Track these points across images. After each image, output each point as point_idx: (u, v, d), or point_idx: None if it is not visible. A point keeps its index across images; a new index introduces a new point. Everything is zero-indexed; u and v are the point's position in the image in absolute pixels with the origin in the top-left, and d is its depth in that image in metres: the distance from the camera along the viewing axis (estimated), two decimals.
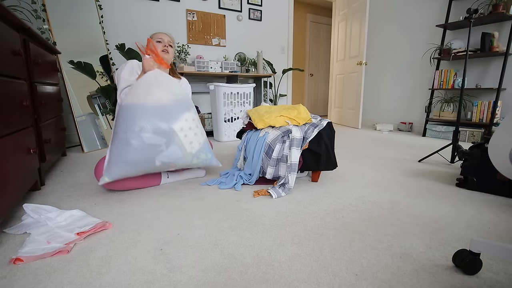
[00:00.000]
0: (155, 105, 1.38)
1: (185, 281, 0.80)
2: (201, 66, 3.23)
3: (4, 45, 1.12)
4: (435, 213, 1.27)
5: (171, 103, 1.42)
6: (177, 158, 1.42)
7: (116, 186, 1.45)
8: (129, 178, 1.46)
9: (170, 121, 1.40)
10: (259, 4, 3.99)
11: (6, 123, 1.07)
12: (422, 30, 3.78)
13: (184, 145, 1.43)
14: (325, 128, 1.64)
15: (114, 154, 1.35)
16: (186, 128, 1.45)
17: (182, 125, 1.43)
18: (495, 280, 0.81)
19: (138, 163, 1.35)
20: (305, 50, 6.15)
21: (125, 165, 1.33)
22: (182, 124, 1.43)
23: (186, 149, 1.44)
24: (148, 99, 1.37)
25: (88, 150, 2.48)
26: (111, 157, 1.35)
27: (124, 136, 1.34)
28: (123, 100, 1.40)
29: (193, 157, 1.47)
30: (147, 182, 1.56)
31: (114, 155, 1.34)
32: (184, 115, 1.45)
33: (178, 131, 1.41)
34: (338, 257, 0.93)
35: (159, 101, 1.39)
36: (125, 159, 1.33)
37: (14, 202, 1.09)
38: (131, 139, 1.33)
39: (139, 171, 1.39)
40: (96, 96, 2.62)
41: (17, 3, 2.53)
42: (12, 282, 0.80)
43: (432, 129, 3.48)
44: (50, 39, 2.59)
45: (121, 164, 1.33)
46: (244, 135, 1.83)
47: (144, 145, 1.34)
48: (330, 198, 1.45)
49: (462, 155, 1.61)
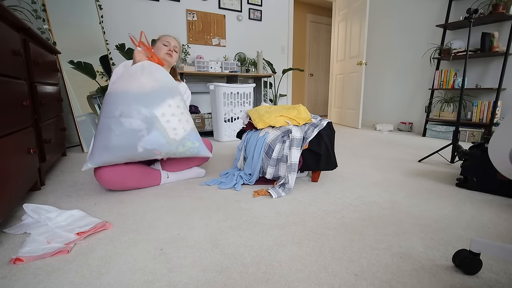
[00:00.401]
0: (137, 90, 1.38)
1: (185, 281, 0.80)
2: (201, 66, 3.23)
3: (4, 45, 1.12)
4: (435, 213, 1.27)
5: (155, 89, 1.41)
6: (160, 144, 1.40)
7: (115, 186, 1.45)
8: (129, 178, 1.46)
9: (152, 107, 1.39)
10: (259, 4, 3.99)
11: (6, 123, 1.07)
12: (422, 30, 3.78)
13: (166, 130, 1.41)
14: (325, 128, 1.64)
15: (97, 141, 1.36)
16: (168, 114, 1.42)
17: (164, 111, 1.41)
18: (495, 280, 0.81)
19: (120, 148, 1.34)
20: (305, 50, 6.15)
21: (107, 150, 1.33)
22: (165, 110, 1.41)
23: (169, 135, 1.41)
24: (131, 85, 1.38)
25: (88, 150, 2.48)
26: (95, 144, 1.37)
27: (106, 121, 1.35)
28: (109, 89, 1.42)
29: (178, 144, 1.45)
30: (146, 181, 1.56)
31: (97, 142, 1.36)
32: (168, 101, 1.43)
33: (159, 116, 1.40)
34: (338, 257, 0.93)
35: (142, 87, 1.39)
36: (107, 144, 1.33)
37: (14, 202, 1.09)
38: (112, 124, 1.34)
39: (122, 157, 1.37)
40: (96, 96, 2.62)
41: (17, 3, 2.53)
42: (12, 282, 0.80)
43: (432, 129, 3.48)
44: (50, 39, 2.59)
45: (103, 149, 1.33)
46: (244, 135, 1.83)
47: (125, 130, 1.34)
48: (330, 198, 1.45)
49: (462, 155, 1.61)
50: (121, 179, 1.44)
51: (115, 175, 1.42)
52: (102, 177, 1.40)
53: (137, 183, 1.52)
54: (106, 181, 1.41)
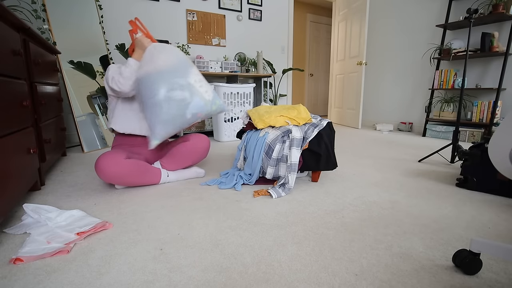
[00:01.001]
0: (166, 66, 1.49)
1: (185, 281, 0.80)
2: (201, 66, 3.23)
3: (4, 45, 1.12)
4: (435, 213, 1.27)
5: (177, 62, 1.54)
6: (201, 107, 1.54)
7: (115, 180, 1.45)
8: (129, 173, 1.48)
9: (184, 77, 1.52)
10: (259, 4, 3.99)
11: (6, 123, 1.07)
12: (422, 30, 3.78)
13: (202, 94, 1.56)
14: (325, 128, 1.64)
15: (151, 119, 1.47)
16: (198, 80, 1.57)
17: (195, 78, 1.56)
18: (495, 280, 0.81)
19: (174, 119, 1.47)
20: (305, 50, 6.15)
21: (164, 124, 1.46)
22: (195, 77, 1.57)
23: (205, 97, 1.56)
24: (158, 64, 1.49)
25: (88, 150, 2.48)
26: (150, 123, 1.48)
27: (152, 101, 1.44)
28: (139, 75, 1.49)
29: (212, 104, 1.60)
30: (146, 178, 1.56)
31: (151, 120, 1.46)
32: (191, 69, 1.57)
33: (193, 83, 1.53)
34: (338, 257, 0.93)
35: (168, 62, 1.51)
36: (161, 119, 1.45)
37: (14, 202, 1.09)
38: (160, 101, 1.45)
39: (177, 127, 1.51)
40: (96, 96, 2.62)
41: (17, 3, 2.53)
42: (12, 282, 0.80)
43: (432, 129, 3.48)
44: (50, 39, 2.59)
45: (160, 124, 1.46)
46: (244, 135, 1.83)
47: (173, 102, 1.46)
48: (330, 198, 1.45)
49: (462, 155, 1.61)
50: (121, 173, 1.44)
51: (115, 169, 1.42)
52: (102, 171, 1.40)
53: (137, 179, 1.52)
54: (106, 174, 1.40)
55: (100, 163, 1.40)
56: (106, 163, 1.40)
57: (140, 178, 1.53)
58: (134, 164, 1.48)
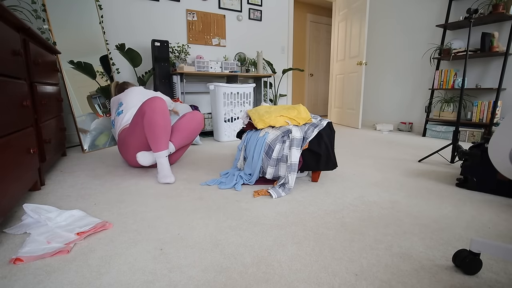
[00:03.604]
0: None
1: (185, 281, 0.80)
2: (201, 66, 3.23)
3: (4, 45, 1.12)
4: (435, 213, 1.27)
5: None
6: None
7: (159, 117, 1.64)
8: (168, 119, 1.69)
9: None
10: (259, 4, 3.99)
11: (6, 123, 1.07)
12: (422, 30, 3.78)
13: None
14: (325, 128, 1.64)
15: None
16: None
17: None
18: (495, 280, 0.81)
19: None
20: (305, 50, 6.15)
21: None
22: None
23: None
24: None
25: (88, 150, 2.48)
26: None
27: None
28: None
29: None
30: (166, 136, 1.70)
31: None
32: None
33: None
34: (338, 257, 0.93)
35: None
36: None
37: (14, 202, 1.09)
38: None
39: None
40: (96, 96, 2.62)
41: (17, 3, 2.53)
42: (12, 282, 0.80)
43: (432, 129, 3.48)
44: (50, 39, 2.59)
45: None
46: (244, 135, 1.83)
47: None
48: (330, 198, 1.45)
49: (462, 155, 1.61)
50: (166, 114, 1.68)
51: (165, 108, 1.70)
52: (158, 103, 1.65)
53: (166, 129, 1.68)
54: (158, 107, 1.64)
55: (158, 99, 1.65)
56: (162, 101, 1.67)
57: (166, 132, 1.69)
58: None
